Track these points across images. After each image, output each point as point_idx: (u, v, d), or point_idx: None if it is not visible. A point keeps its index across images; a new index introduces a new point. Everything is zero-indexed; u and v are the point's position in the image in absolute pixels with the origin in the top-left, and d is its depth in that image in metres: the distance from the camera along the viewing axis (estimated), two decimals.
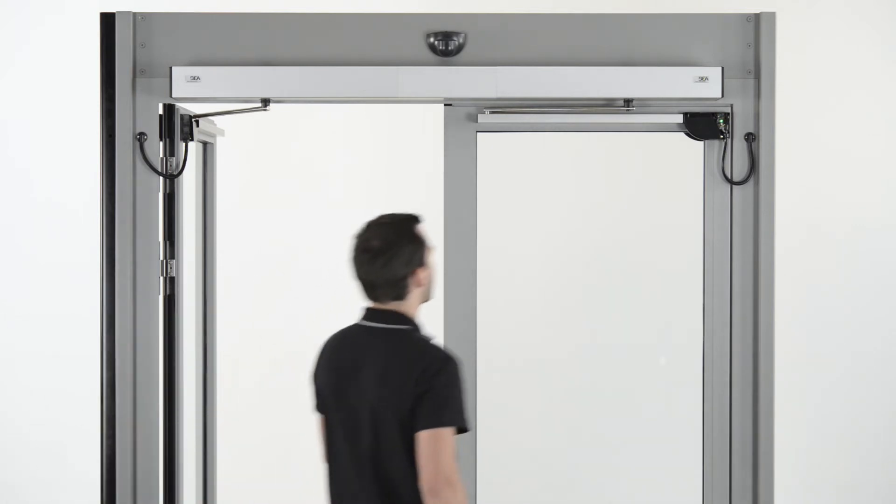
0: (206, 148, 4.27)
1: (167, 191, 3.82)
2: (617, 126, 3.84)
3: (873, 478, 5.64)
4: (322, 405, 3.11)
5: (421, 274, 3.00)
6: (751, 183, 3.77)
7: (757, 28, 3.75)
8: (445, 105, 3.83)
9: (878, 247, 5.59)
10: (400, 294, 3.00)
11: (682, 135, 3.82)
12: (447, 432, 2.85)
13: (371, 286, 3.00)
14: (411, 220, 3.04)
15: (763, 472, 3.76)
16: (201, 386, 4.27)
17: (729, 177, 3.78)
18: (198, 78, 3.67)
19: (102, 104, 3.73)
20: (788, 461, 4.74)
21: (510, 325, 3.41)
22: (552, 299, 3.43)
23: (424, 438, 2.85)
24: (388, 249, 2.96)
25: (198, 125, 3.95)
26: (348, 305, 5.65)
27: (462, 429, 2.90)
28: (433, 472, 2.83)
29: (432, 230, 4.29)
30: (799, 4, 5.51)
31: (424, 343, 2.98)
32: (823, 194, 5.58)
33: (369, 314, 3.04)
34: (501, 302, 4.34)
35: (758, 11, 3.77)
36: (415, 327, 3.02)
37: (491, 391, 3.50)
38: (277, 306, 5.67)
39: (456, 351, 3.80)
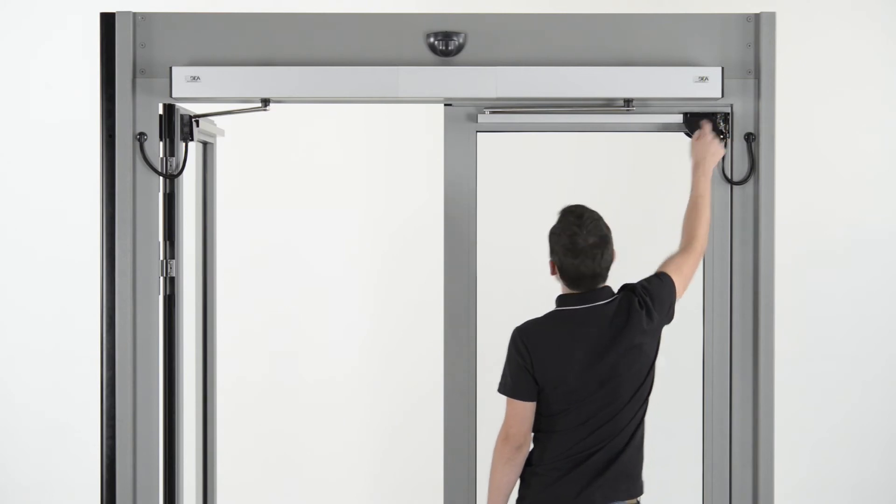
0: (206, 148, 4.27)
1: (167, 191, 3.82)
2: (617, 126, 3.84)
3: (873, 478, 5.64)
4: None
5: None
6: (751, 183, 3.77)
7: (757, 28, 3.75)
8: (445, 105, 3.83)
9: (878, 247, 5.59)
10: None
11: (682, 135, 3.82)
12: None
13: (593, 276, 3.38)
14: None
15: (763, 472, 3.76)
16: (201, 386, 4.27)
17: (729, 177, 3.78)
18: (198, 78, 3.67)
19: (102, 104, 3.73)
20: (788, 461, 4.74)
21: (510, 324, 3.42)
22: (552, 299, 3.43)
23: None
24: (608, 242, 3.40)
25: (198, 125, 3.95)
26: (348, 305, 5.67)
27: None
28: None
29: (432, 230, 4.31)
30: (799, 4, 5.51)
31: None
32: (823, 194, 5.58)
33: (596, 294, 3.40)
34: (501, 301, 4.34)
35: (758, 11, 3.77)
36: None
37: (491, 391, 3.50)
38: (277, 306, 5.67)
39: (455, 351, 3.81)
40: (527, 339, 3.36)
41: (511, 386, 3.36)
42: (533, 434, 3.41)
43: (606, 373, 3.34)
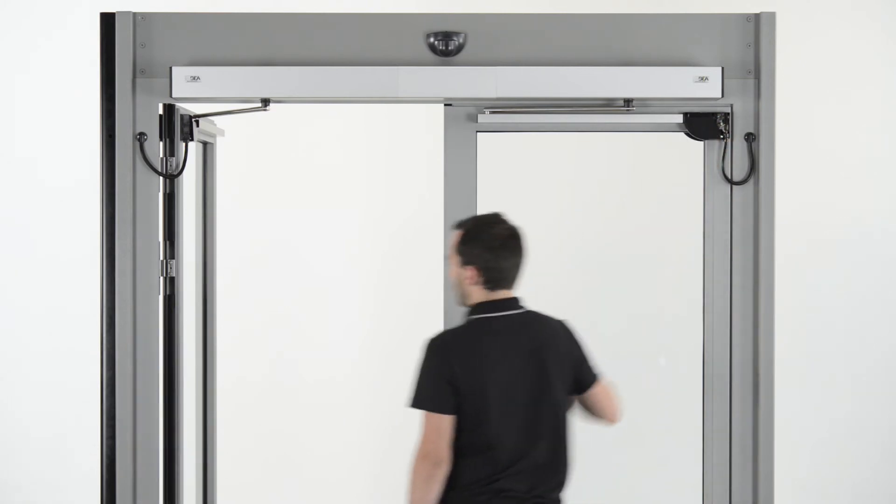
0: (206, 148, 4.27)
1: (167, 191, 3.82)
2: (617, 126, 3.84)
3: (873, 478, 5.64)
4: None
5: None
6: (751, 183, 3.77)
7: (757, 28, 3.75)
8: (445, 105, 3.83)
9: (878, 246, 5.59)
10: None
11: (682, 135, 3.82)
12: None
13: (515, 269, 3.29)
14: None
15: (763, 472, 3.76)
16: (201, 386, 4.27)
17: (729, 177, 3.78)
18: (198, 78, 3.67)
19: (102, 104, 3.73)
20: (789, 461, 4.74)
21: None
22: (552, 299, 3.43)
23: None
24: (522, 238, 3.31)
25: (198, 125, 3.95)
26: (348, 305, 5.67)
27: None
28: None
29: (432, 230, 4.31)
30: (799, 4, 5.51)
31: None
32: (823, 194, 5.58)
33: (513, 302, 3.30)
34: None
35: (758, 11, 3.77)
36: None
37: None
38: (277, 306, 5.67)
39: None
40: (448, 349, 3.21)
41: (430, 399, 3.18)
42: (454, 453, 3.22)
43: (531, 382, 3.22)
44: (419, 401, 3.21)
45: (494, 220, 3.31)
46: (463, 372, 3.18)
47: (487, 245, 3.26)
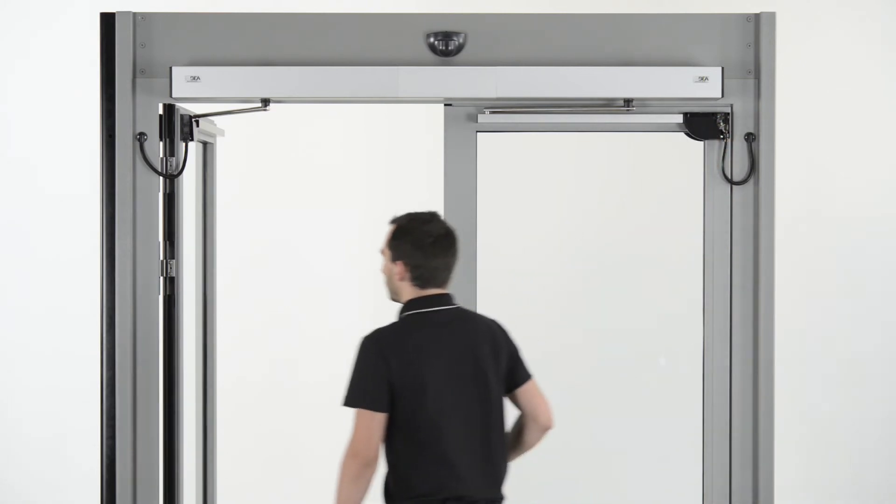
0: (206, 148, 4.27)
1: (167, 191, 3.82)
2: (617, 126, 3.84)
3: (873, 478, 5.64)
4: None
5: None
6: (751, 183, 3.77)
7: (757, 28, 3.75)
8: (445, 105, 3.83)
9: (877, 246, 5.59)
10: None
11: (682, 135, 3.82)
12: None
13: (446, 270, 3.24)
14: None
15: (763, 472, 3.76)
16: (201, 386, 4.27)
17: (729, 177, 3.78)
18: (198, 78, 3.67)
19: (103, 104, 3.73)
20: (788, 461, 4.74)
21: (510, 324, 3.41)
22: (552, 299, 3.43)
23: None
24: (455, 238, 3.26)
25: (198, 125, 3.95)
26: (348, 305, 5.66)
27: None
28: None
29: None
30: (799, 4, 5.51)
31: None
32: (823, 194, 5.58)
33: (445, 299, 3.26)
34: (501, 301, 4.34)
35: (758, 11, 3.77)
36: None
37: None
38: (277, 306, 5.67)
39: None
40: (384, 346, 3.16)
41: (365, 396, 3.13)
42: (399, 458, 3.18)
43: (468, 377, 3.20)
44: (354, 399, 3.15)
45: (428, 219, 3.26)
46: (400, 368, 3.14)
47: (418, 243, 3.22)
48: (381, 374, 3.13)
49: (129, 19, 3.72)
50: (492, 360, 3.22)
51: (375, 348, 3.15)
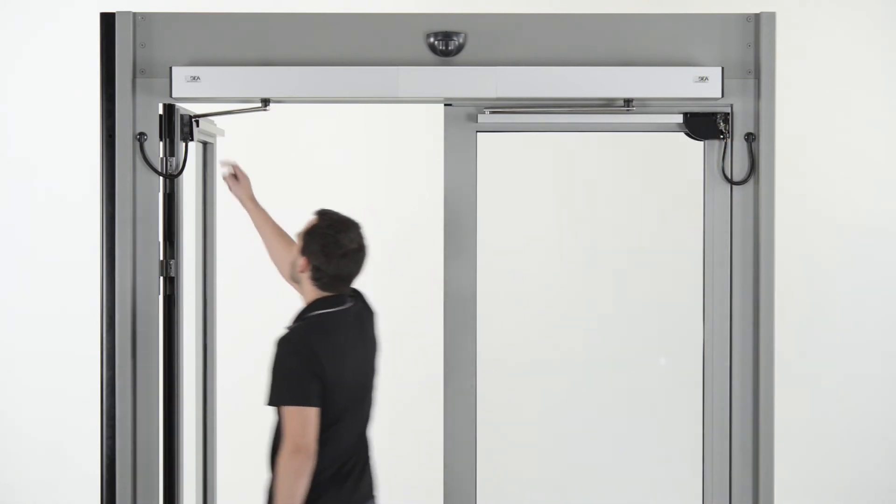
0: (206, 148, 4.27)
1: (167, 191, 3.82)
2: (617, 126, 3.84)
3: (873, 478, 5.64)
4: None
5: None
6: (751, 183, 3.77)
7: (757, 28, 3.75)
8: (445, 105, 3.83)
9: (878, 246, 5.59)
10: None
11: (682, 135, 3.82)
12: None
13: (348, 280, 3.46)
14: None
15: (763, 472, 3.76)
16: (201, 385, 4.27)
17: (729, 177, 3.78)
18: (198, 78, 3.68)
19: (103, 104, 3.73)
20: (788, 461, 4.74)
21: (510, 324, 3.43)
22: (552, 299, 3.44)
23: None
24: (366, 250, 3.49)
25: (198, 125, 3.95)
26: None
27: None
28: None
29: (433, 230, 4.31)
30: (799, 4, 5.51)
31: None
32: (823, 194, 5.58)
33: (344, 296, 3.47)
34: (501, 301, 4.34)
35: (758, 11, 3.77)
36: None
37: (490, 390, 3.51)
38: (277, 306, 5.66)
39: (456, 350, 3.80)
40: (310, 343, 3.31)
41: (299, 393, 3.25)
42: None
43: (367, 370, 3.46)
44: (287, 397, 3.26)
45: (345, 228, 3.40)
46: (328, 364, 3.28)
47: (327, 250, 3.37)
48: (312, 370, 3.27)
49: (129, 19, 3.73)
50: (375, 353, 3.51)
51: (303, 347, 3.29)
